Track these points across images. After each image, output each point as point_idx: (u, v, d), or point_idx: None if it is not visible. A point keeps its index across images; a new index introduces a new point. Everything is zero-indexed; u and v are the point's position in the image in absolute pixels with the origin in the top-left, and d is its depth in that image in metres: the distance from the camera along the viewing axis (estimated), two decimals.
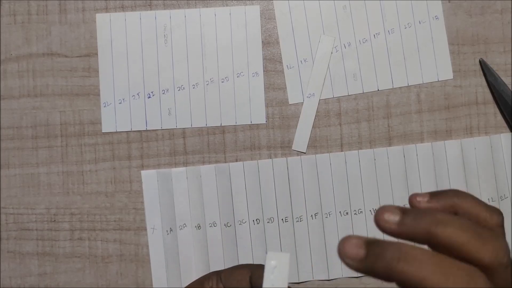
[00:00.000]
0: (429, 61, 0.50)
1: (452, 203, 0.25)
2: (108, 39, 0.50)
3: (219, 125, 0.49)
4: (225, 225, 0.48)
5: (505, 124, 0.50)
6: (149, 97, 0.49)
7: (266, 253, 0.28)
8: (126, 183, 0.49)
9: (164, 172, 0.49)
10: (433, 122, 0.50)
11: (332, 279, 0.48)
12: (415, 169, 0.49)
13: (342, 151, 0.49)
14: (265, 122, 0.49)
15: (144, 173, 0.49)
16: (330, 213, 0.49)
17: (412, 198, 0.26)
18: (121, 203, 0.49)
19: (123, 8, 0.50)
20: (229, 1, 0.50)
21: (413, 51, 0.50)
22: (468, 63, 0.50)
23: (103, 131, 0.49)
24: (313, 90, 0.50)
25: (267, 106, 0.50)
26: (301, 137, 0.49)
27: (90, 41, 0.50)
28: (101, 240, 0.49)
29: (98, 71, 0.50)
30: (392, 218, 0.23)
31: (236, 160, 0.49)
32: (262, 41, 0.50)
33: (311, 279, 0.48)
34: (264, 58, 0.50)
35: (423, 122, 0.50)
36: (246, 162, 0.49)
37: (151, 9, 0.50)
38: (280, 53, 0.50)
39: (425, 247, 0.23)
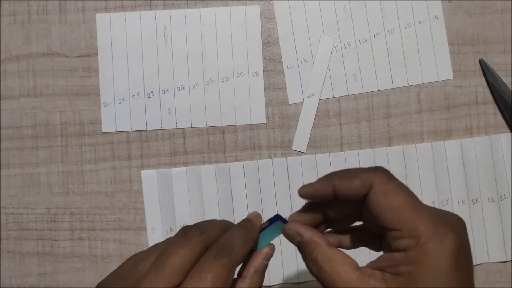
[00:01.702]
0: (429, 61, 0.50)
1: None
2: (108, 39, 0.50)
3: (219, 125, 0.49)
4: None
5: (505, 124, 0.50)
6: (149, 97, 0.49)
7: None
8: (126, 183, 0.49)
9: (164, 172, 0.49)
10: (433, 122, 0.50)
11: None
12: (415, 169, 0.49)
13: (342, 151, 0.49)
14: (265, 122, 0.49)
15: (144, 173, 0.49)
16: None
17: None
18: (121, 203, 0.49)
19: (123, 8, 0.50)
20: (229, 1, 0.50)
21: (413, 51, 0.50)
22: (468, 63, 0.50)
23: (103, 131, 0.49)
24: (313, 90, 0.50)
25: (267, 106, 0.50)
26: (301, 137, 0.49)
27: (90, 41, 0.50)
28: (101, 240, 0.49)
29: (98, 71, 0.50)
30: None
31: (236, 160, 0.49)
32: (262, 41, 0.50)
33: (311, 279, 0.48)
34: (264, 58, 0.50)
35: (423, 122, 0.50)
36: (246, 162, 0.49)
37: (151, 9, 0.50)
38: (280, 53, 0.50)
39: None
